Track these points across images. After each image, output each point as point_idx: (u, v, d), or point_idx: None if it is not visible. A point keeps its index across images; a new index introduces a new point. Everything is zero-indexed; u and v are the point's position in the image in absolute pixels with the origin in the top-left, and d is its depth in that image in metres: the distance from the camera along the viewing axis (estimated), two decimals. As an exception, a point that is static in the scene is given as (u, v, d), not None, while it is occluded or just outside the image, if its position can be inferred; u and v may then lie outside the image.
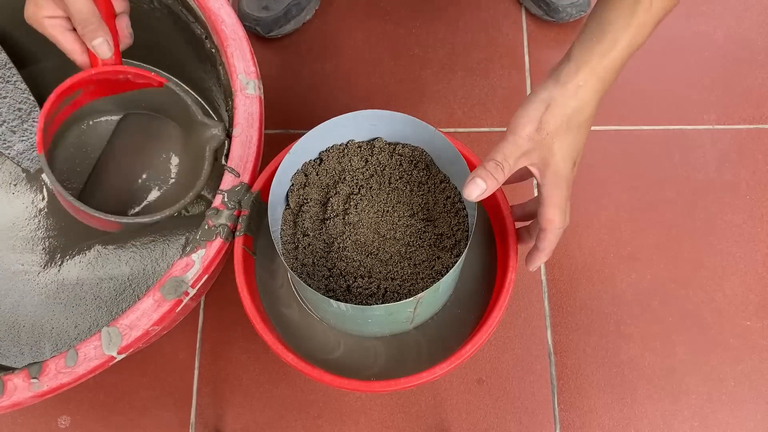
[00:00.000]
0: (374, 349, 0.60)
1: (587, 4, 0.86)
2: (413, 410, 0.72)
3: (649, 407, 0.72)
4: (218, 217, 0.54)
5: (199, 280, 0.52)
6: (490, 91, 0.86)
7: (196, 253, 0.53)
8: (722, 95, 0.85)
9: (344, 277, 0.55)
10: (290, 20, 0.85)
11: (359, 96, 0.86)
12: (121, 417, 0.72)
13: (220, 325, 0.75)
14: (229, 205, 0.54)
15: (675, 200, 0.80)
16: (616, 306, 0.76)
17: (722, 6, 0.90)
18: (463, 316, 0.60)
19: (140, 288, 0.67)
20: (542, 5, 0.87)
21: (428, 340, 0.60)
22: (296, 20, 0.86)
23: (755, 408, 0.72)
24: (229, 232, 0.54)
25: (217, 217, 0.54)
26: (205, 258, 0.53)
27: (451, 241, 0.56)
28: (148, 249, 0.68)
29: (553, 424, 0.72)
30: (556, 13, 0.86)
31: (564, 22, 0.87)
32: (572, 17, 0.86)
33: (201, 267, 0.52)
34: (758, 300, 0.76)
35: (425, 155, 0.59)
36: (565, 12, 0.86)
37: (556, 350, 0.74)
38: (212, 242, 0.53)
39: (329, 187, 0.59)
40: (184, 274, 0.52)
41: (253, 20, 0.84)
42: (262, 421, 0.72)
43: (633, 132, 0.84)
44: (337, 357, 0.59)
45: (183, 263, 0.52)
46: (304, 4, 0.86)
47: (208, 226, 0.54)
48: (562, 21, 0.87)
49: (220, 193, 0.55)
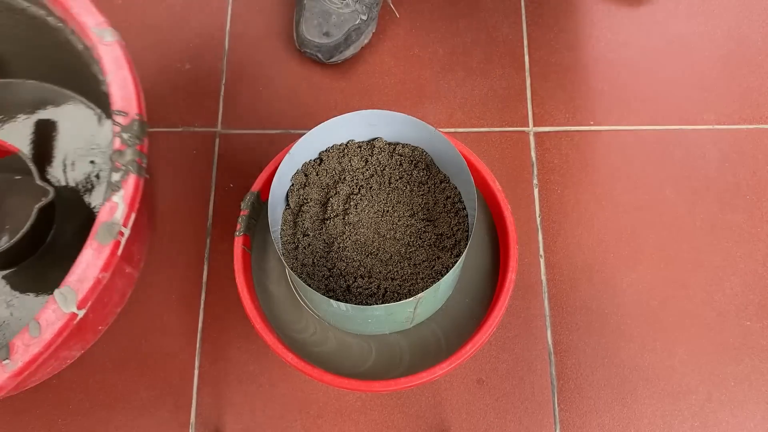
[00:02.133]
0: (369, 346, 0.60)
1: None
2: (413, 410, 0.72)
3: (649, 407, 0.72)
4: (123, 156, 0.55)
5: (128, 219, 0.54)
6: (490, 91, 0.86)
7: (116, 195, 0.54)
8: (722, 95, 0.85)
9: (344, 277, 0.55)
10: (350, 44, 0.85)
11: (359, 96, 0.86)
12: (121, 417, 0.72)
13: (220, 325, 0.75)
14: (129, 143, 0.55)
15: (675, 200, 0.80)
16: (616, 306, 0.76)
17: (722, 6, 0.90)
18: (467, 314, 0.60)
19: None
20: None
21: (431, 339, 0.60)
22: (356, 45, 0.85)
23: (755, 408, 0.72)
24: (138, 167, 0.55)
25: (123, 156, 0.55)
26: (126, 197, 0.54)
27: (451, 241, 0.56)
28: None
29: (553, 424, 0.72)
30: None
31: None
32: None
33: (126, 206, 0.54)
34: (758, 300, 0.76)
35: (425, 155, 0.59)
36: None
37: (556, 350, 0.74)
38: (127, 181, 0.55)
39: (329, 187, 0.59)
40: (111, 217, 0.54)
41: (315, 47, 0.83)
42: (262, 421, 0.72)
43: (633, 132, 0.84)
44: (329, 352, 0.59)
45: (107, 208, 0.54)
46: (363, 28, 0.85)
47: (117, 168, 0.55)
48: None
49: (117, 135, 0.56)
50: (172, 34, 0.90)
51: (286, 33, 0.89)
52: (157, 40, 0.90)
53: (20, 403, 0.72)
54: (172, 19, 0.91)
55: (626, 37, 0.88)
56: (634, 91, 0.86)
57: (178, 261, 0.78)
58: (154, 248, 0.79)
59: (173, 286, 0.77)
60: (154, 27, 0.90)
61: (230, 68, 0.88)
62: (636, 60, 0.87)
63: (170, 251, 0.78)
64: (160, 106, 0.86)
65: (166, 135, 0.84)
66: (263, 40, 0.89)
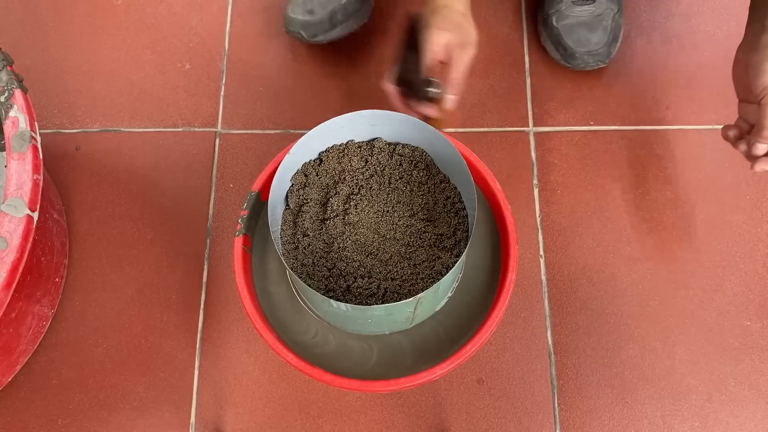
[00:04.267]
0: (370, 347, 0.60)
1: (606, 55, 0.82)
2: (413, 410, 0.72)
3: (649, 407, 0.72)
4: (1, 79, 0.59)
5: (33, 126, 0.58)
6: (490, 91, 0.86)
7: (12, 111, 0.58)
8: (722, 95, 0.85)
9: (344, 277, 0.55)
10: (336, 25, 0.84)
11: (359, 96, 0.86)
12: (121, 417, 0.72)
13: (220, 325, 0.75)
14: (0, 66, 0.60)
15: (675, 200, 0.80)
16: (616, 306, 0.76)
17: (722, 6, 0.90)
18: (468, 313, 0.60)
19: None
20: (560, 49, 0.83)
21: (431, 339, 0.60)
22: (342, 27, 0.84)
23: (755, 408, 0.72)
24: (19, 83, 0.60)
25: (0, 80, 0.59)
26: (21, 107, 0.58)
27: (451, 241, 0.56)
28: None
29: (553, 424, 0.72)
30: (572, 59, 0.83)
31: (579, 69, 0.84)
32: (588, 66, 0.83)
33: (26, 115, 0.58)
34: (758, 300, 0.76)
35: (425, 155, 0.59)
36: (581, 59, 0.82)
37: (556, 350, 0.74)
38: (14, 96, 0.59)
39: (329, 187, 0.59)
40: (17, 129, 0.57)
41: (298, 24, 0.83)
42: (262, 421, 0.72)
43: (633, 132, 0.84)
44: (331, 352, 0.59)
45: (10, 122, 0.58)
46: (350, 10, 0.84)
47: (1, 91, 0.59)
48: (577, 68, 0.84)
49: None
50: (172, 34, 0.90)
51: (286, 33, 0.89)
52: (157, 40, 0.90)
53: (20, 403, 0.72)
54: (172, 19, 0.91)
55: (626, 37, 0.88)
56: (633, 91, 0.86)
57: (178, 261, 0.78)
58: (155, 248, 0.79)
59: (173, 286, 0.77)
60: (154, 27, 0.90)
61: (230, 68, 0.88)
62: (637, 60, 0.87)
63: (170, 251, 0.78)
64: (160, 106, 0.86)
65: (166, 135, 0.84)
66: (263, 40, 0.89)
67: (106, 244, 0.79)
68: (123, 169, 0.83)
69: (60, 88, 0.87)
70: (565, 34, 0.83)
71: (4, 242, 0.53)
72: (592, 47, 0.82)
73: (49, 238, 0.71)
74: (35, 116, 0.60)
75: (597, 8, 0.82)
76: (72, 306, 0.76)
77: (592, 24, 0.82)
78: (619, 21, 0.84)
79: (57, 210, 0.76)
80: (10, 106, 0.58)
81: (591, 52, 0.82)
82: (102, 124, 0.85)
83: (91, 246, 0.79)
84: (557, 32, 0.83)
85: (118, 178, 0.82)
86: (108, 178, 0.82)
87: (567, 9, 0.83)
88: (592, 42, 0.82)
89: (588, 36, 0.82)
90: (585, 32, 0.82)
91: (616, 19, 0.83)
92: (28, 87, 0.62)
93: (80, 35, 0.90)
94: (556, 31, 0.83)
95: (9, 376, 0.72)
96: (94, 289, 0.77)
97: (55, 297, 0.75)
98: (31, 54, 0.89)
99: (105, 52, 0.89)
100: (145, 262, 0.78)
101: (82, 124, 0.85)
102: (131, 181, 0.82)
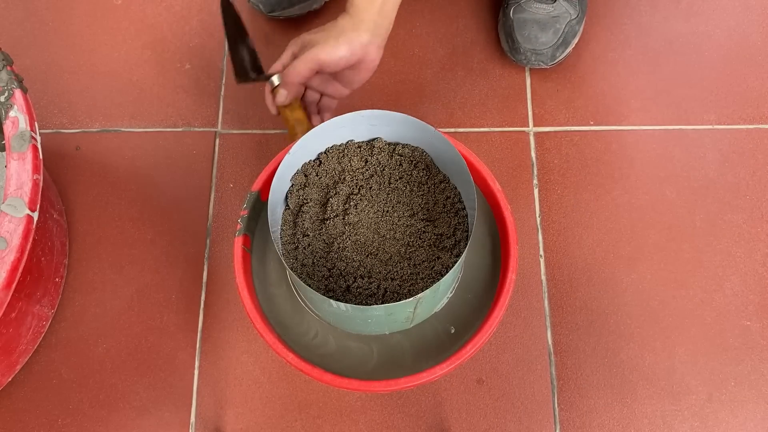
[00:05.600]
0: (370, 348, 0.60)
1: (550, 57, 0.82)
2: (413, 410, 0.72)
3: (649, 407, 0.72)
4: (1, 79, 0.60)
5: (33, 126, 0.58)
6: (490, 91, 0.86)
7: (12, 111, 0.58)
8: (722, 95, 0.85)
9: (344, 277, 0.55)
10: (294, 4, 0.84)
11: (359, 96, 0.86)
12: (121, 417, 0.72)
13: (220, 325, 0.75)
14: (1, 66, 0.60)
15: (675, 200, 0.80)
16: (616, 306, 0.76)
17: (722, 6, 0.90)
18: (468, 313, 0.60)
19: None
20: (509, 41, 0.84)
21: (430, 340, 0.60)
22: (301, 6, 0.85)
23: (755, 408, 0.72)
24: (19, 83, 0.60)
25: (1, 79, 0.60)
26: (21, 107, 0.58)
27: (451, 241, 0.56)
28: None
29: (553, 424, 0.72)
30: (516, 53, 0.83)
31: (520, 64, 0.85)
32: (530, 64, 0.83)
33: (26, 115, 0.58)
34: (758, 300, 0.76)
35: (425, 155, 0.59)
36: (524, 56, 0.82)
37: (556, 350, 0.74)
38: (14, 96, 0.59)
39: (329, 187, 0.59)
40: (18, 128, 0.57)
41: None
42: (262, 421, 0.72)
43: (633, 132, 0.84)
44: (331, 352, 0.59)
45: (10, 123, 0.58)
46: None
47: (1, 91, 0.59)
48: (520, 63, 0.84)
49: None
50: (172, 33, 0.90)
51: (286, 33, 0.89)
52: (157, 40, 0.90)
53: (20, 403, 0.72)
54: (172, 19, 0.91)
55: (626, 37, 0.88)
56: (634, 91, 0.86)
57: (178, 261, 0.78)
58: (155, 248, 0.79)
59: (173, 286, 0.77)
60: (154, 27, 0.90)
61: (230, 68, 0.88)
62: (636, 60, 0.87)
63: (170, 251, 0.78)
64: (160, 106, 0.86)
65: (166, 135, 0.84)
66: (263, 39, 0.89)
67: (106, 244, 0.79)
68: (123, 169, 0.83)
69: (60, 88, 0.87)
70: (517, 27, 0.83)
71: (4, 242, 0.53)
72: (539, 46, 0.81)
73: (49, 238, 0.71)
74: (35, 116, 0.60)
75: (555, 10, 0.82)
76: (72, 306, 0.76)
77: (546, 24, 0.82)
78: (575, 27, 0.83)
79: (57, 210, 0.76)
80: (10, 106, 0.59)
81: (536, 50, 0.82)
82: (102, 124, 0.85)
83: (91, 246, 0.79)
84: (510, 23, 0.83)
85: (118, 178, 0.82)
86: (108, 178, 0.82)
87: (526, 3, 0.83)
88: (540, 41, 0.81)
89: (537, 34, 0.81)
90: (536, 30, 0.82)
91: (572, 24, 0.83)
92: (28, 87, 0.62)
93: (80, 35, 0.90)
94: (510, 22, 0.83)
95: (9, 376, 0.72)
96: (94, 289, 0.77)
97: (55, 297, 0.75)
98: (31, 54, 0.89)
99: (105, 52, 0.89)
100: (145, 262, 0.78)
101: (82, 124, 0.85)
102: (131, 181, 0.82)
